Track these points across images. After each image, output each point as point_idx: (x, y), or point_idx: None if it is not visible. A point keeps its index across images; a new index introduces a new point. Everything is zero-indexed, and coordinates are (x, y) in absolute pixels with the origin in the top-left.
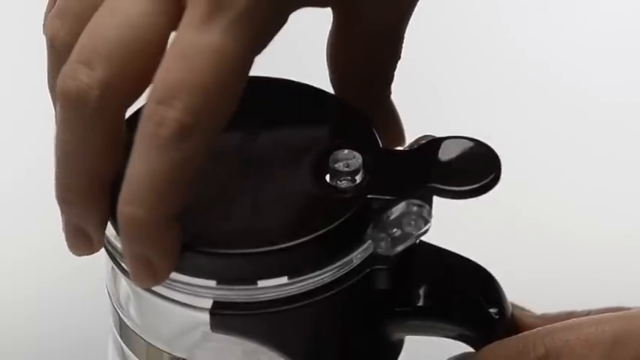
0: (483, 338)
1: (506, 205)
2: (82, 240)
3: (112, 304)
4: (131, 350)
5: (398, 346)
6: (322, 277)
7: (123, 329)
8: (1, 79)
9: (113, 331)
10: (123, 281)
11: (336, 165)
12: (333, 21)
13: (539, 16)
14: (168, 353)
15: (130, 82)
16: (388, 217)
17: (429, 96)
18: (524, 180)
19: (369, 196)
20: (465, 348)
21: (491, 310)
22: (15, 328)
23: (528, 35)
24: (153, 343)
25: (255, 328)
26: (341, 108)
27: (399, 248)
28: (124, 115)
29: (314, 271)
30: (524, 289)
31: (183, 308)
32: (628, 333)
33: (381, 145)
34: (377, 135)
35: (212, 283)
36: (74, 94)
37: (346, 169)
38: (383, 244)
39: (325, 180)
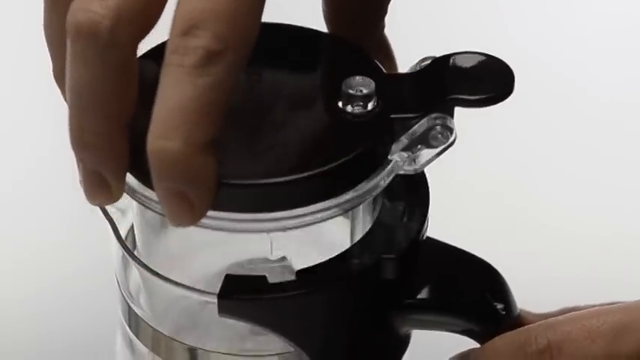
0: (490, 333)
1: (507, 205)
2: (101, 187)
3: (121, 292)
4: (139, 339)
5: (405, 342)
6: (347, 202)
7: (132, 318)
8: (1, 79)
9: (121, 320)
10: (133, 270)
11: (350, 91)
12: None
13: (539, 14)
14: (178, 341)
15: (142, 13)
16: (411, 135)
17: None
18: (525, 179)
19: (391, 116)
20: (470, 344)
21: (498, 306)
22: (16, 327)
23: (529, 34)
24: (162, 332)
25: (262, 313)
26: (337, 43)
27: (428, 163)
28: (137, 52)
29: (343, 193)
30: (525, 288)
31: (193, 293)
32: (629, 323)
33: (385, 72)
34: (378, 64)
35: (223, 214)
36: (86, 25)
37: (360, 93)
38: (408, 162)
39: (340, 107)
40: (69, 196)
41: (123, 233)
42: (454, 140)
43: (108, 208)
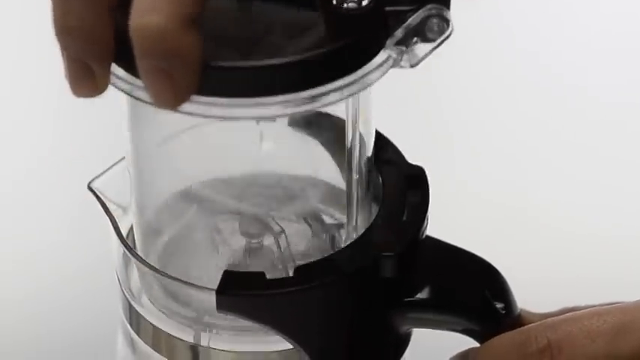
0: (489, 333)
1: (507, 204)
2: (86, 78)
3: (122, 290)
4: (140, 337)
5: (405, 340)
6: (341, 89)
7: (133, 316)
8: (1, 79)
9: (122, 318)
10: (134, 267)
11: None
12: None
13: (539, 13)
14: (179, 339)
15: None
16: (406, 28)
17: (429, 97)
18: (525, 179)
19: (386, 9)
20: (470, 343)
21: (498, 305)
22: (16, 327)
23: (529, 34)
24: (163, 329)
25: (260, 310)
26: None
27: (424, 57)
28: None
29: (333, 80)
30: (525, 287)
31: (194, 290)
32: (629, 323)
33: None
34: None
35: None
36: None
37: None
38: (405, 57)
39: (335, 3)
40: (69, 195)
41: (124, 231)
42: (451, 32)
43: (109, 205)
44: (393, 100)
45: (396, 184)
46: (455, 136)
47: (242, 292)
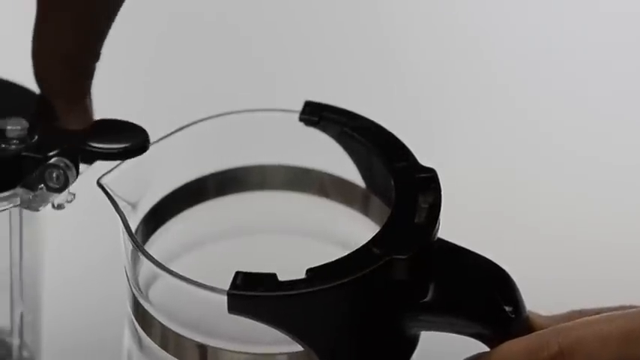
0: (499, 336)
1: (516, 207)
2: None
3: (130, 287)
4: (148, 335)
5: (413, 342)
6: None
7: (140, 313)
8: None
9: (130, 315)
10: (142, 264)
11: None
12: None
13: (537, 12)
14: (188, 338)
15: None
16: (34, 175)
17: (429, 99)
18: (534, 181)
19: (23, 154)
20: (479, 347)
21: (507, 309)
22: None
23: (528, 32)
24: (171, 328)
25: (271, 311)
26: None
27: (46, 204)
28: None
29: None
30: (533, 289)
31: (203, 290)
32: None
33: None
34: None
35: None
36: None
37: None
38: (32, 201)
39: None
40: (78, 188)
41: (133, 227)
42: (67, 185)
43: (118, 201)
44: (398, 101)
45: (407, 185)
46: (460, 137)
47: (253, 293)
